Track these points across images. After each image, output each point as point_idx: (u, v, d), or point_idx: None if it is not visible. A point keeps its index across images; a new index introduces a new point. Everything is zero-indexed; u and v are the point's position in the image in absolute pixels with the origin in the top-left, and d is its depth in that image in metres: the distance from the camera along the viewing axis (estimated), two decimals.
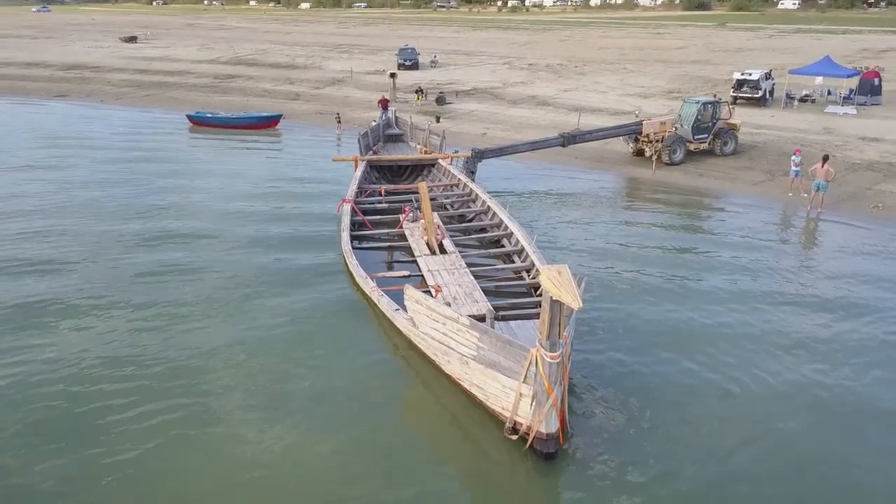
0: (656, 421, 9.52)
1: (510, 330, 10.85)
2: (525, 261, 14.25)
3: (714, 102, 25.74)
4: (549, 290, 7.46)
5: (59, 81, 46.82)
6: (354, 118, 33.12)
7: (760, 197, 21.24)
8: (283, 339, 11.68)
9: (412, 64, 49.06)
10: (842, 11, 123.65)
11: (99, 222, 17.74)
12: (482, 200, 18.06)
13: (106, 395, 9.99)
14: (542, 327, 7.88)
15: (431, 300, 10.18)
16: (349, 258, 14.01)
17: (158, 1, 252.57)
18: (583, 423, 9.39)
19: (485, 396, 9.31)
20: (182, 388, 10.16)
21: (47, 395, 9.97)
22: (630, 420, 9.50)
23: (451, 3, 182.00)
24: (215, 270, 14.55)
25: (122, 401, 9.80)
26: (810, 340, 11.89)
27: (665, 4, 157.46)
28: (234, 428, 9.31)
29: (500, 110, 35.16)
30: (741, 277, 14.65)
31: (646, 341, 11.69)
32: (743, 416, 9.73)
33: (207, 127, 32.36)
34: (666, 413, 9.72)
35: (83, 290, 13.50)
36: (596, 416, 9.59)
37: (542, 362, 7.99)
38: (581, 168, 24.95)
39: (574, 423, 9.32)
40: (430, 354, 10.51)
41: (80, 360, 10.87)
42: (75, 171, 23.66)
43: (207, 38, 77.23)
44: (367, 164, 21.20)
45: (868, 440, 9.30)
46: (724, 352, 11.39)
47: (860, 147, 26.13)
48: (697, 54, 56.86)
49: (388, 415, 9.82)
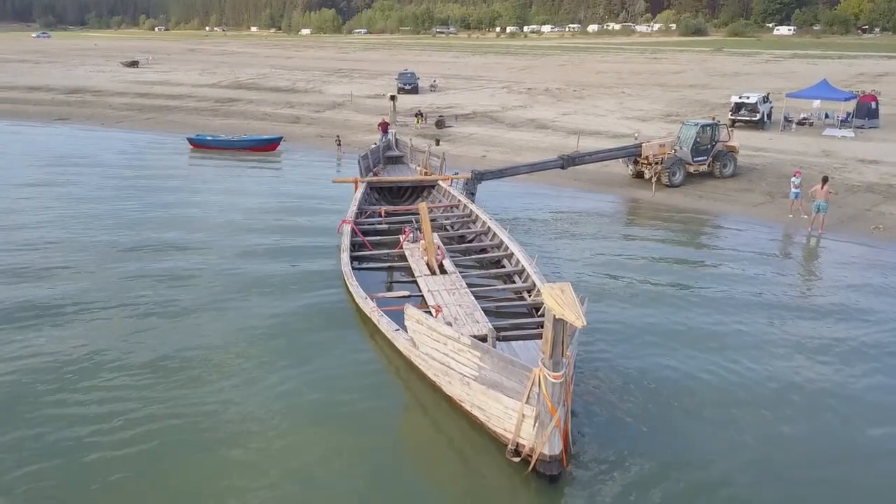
0: (661, 442, 9.34)
1: (512, 350, 10.71)
2: (526, 281, 14.15)
3: (713, 125, 25.86)
4: (552, 309, 7.35)
5: (61, 105, 47.12)
6: (354, 141, 33.25)
7: (761, 218, 21.21)
8: (281, 358, 11.51)
9: (412, 88, 49.44)
10: (837, 37, 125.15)
11: (97, 245, 17.68)
12: (482, 221, 18.02)
13: (103, 403, 9.94)
14: (545, 346, 7.75)
15: (432, 320, 10.06)
16: (349, 278, 13.91)
17: (161, 27, 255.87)
18: (587, 445, 9.21)
19: (486, 418, 9.13)
20: (175, 405, 10.00)
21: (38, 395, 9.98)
22: (635, 441, 9.32)
23: (450, 29, 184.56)
24: (210, 289, 14.44)
25: (116, 412, 9.68)
26: (824, 366, 11.77)
27: (662, 30, 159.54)
28: (228, 450, 9.12)
29: (499, 133, 35.32)
30: (746, 300, 14.51)
31: (649, 361, 11.54)
32: (750, 439, 9.54)
33: (208, 149, 32.46)
34: (671, 434, 9.55)
35: (77, 297, 13.74)
36: (600, 437, 9.41)
37: (546, 382, 7.85)
38: (581, 190, 24.96)
39: (578, 444, 9.14)
40: (430, 375, 10.35)
41: (77, 365, 10.88)
42: (72, 190, 23.66)
43: (209, 63, 78.03)
44: (368, 185, 21.19)
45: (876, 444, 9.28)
46: (731, 373, 11.24)
47: (859, 169, 26.20)
48: (695, 79, 57.41)
49: (387, 437, 9.64)
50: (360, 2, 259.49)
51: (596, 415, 9.91)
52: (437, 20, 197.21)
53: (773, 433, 9.66)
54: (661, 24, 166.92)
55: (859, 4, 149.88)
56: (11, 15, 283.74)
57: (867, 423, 9.91)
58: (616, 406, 10.16)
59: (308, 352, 11.80)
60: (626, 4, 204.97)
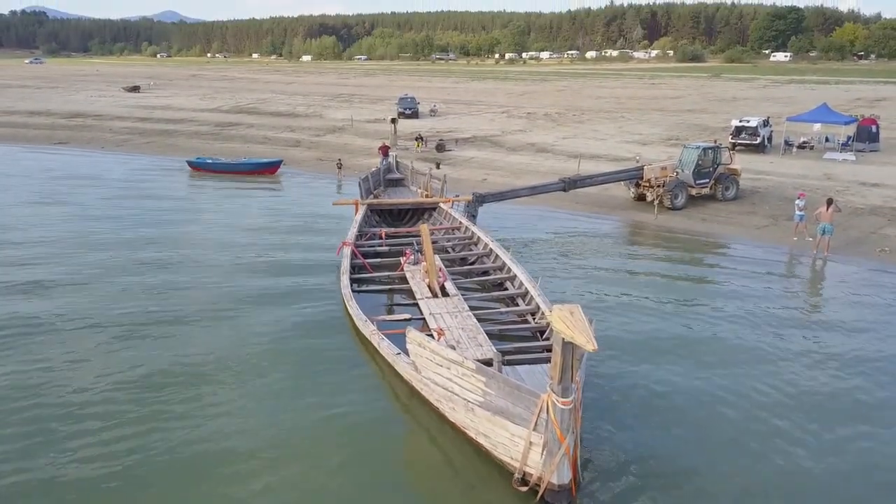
0: (676, 470, 8.98)
1: (517, 375, 10.34)
2: (530, 304, 13.85)
3: (714, 148, 25.77)
4: (562, 332, 7.05)
5: (61, 129, 47.16)
6: (355, 165, 33.14)
7: (765, 241, 20.99)
8: (279, 383, 11.17)
9: (412, 112, 49.56)
10: (833, 63, 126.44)
11: (93, 266, 17.43)
12: (484, 243, 17.77)
13: (97, 420, 9.64)
14: (554, 371, 7.44)
15: (435, 343, 9.72)
16: (349, 301, 13.60)
17: (163, 54, 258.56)
18: (597, 473, 8.84)
19: (492, 445, 8.76)
20: (167, 427, 9.65)
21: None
22: (647, 468, 8.96)
23: (449, 56, 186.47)
24: (202, 312, 14.13)
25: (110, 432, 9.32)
26: (842, 381, 11.43)
27: (659, 57, 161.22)
28: (225, 478, 8.74)
29: (499, 157, 35.27)
30: (758, 322, 14.20)
31: (661, 383, 11.20)
32: (772, 473, 9.16)
33: (207, 172, 32.35)
34: (682, 460, 9.19)
35: (68, 313, 13.57)
36: (610, 464, 9.04)
37: (554, 408, 7.52)
38: (582, 213, 24.77)
39: (587, 472, 8.77)
40: (432, 401, 10.00)
41: (74, 379, 10.50)
42: (68, 211, 23.48)
43: (210, 89, 78.47)
44: (368, 207, 21.00)
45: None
46: (743, 398, 10.88)
47: (861, 192, 26.06)
48: (693, 103, 57.67)
49: (388, 465, 9.26)
50: (361, 29, 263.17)
51: (605, 440, 9.55)
52: (437, 47, 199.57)
53: (799, 469, 9.21)
54: (658, 51, 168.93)
55: (854, 31, 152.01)
56: (15, 42, 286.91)
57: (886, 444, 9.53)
58: (627, 430, 9.81)
59: (306, 378, 11.44)
60: (623, 31, 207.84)
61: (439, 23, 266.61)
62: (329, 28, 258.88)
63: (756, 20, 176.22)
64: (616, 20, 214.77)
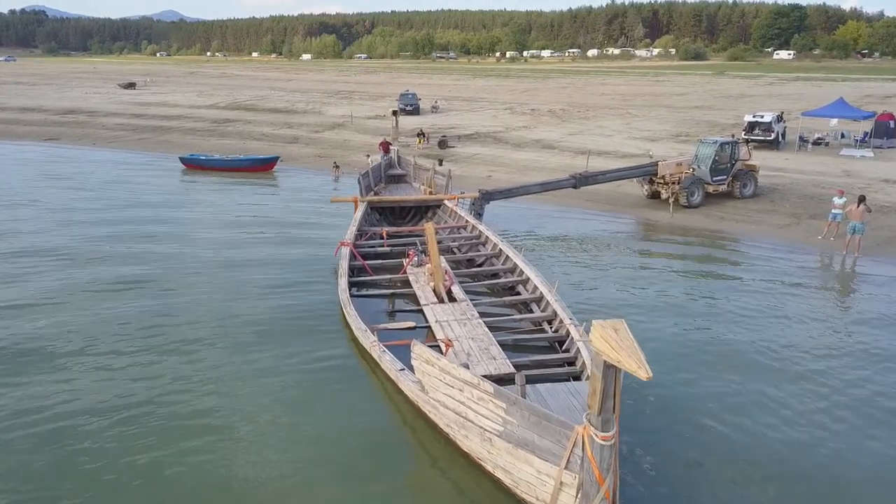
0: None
1: (538, 395, 8.98)
2: (545, 310, 12.55)
3: (732, 143, 24.49)
4: (605, 353, 5.74)
5: (53, 125, 45.89)
6: (354, 161, 31.83)
7: (789, 240, 19.73)
8: (269, 402, 9.85)
9: (413, 109, 48.31)
10: (836, 61, 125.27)
11: (77, 265, 16.10)
12: (493, 243, 16.48)
13: (97, 440, 8.60)
14: (592, 399, 6.12)
15: (444, 360, 8.37)
16: (347, 307, 12.29)
17: (162, 52, 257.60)
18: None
19: (513, 482, 7.44)
20: (156, 444, 8.39)
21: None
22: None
23: (450, 54, 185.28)
24: (194, 321, 12.80)
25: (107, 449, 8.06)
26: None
27: (661, 55, 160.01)
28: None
29: (504, 153, 33.98)
30: (789, 332, 12.94)
31: (705, 404, 9.89)
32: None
33: (201, 169, 31.07)
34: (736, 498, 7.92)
35: (61, 332, 11.97)
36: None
37: (592, 444, 6.21)
38: (594, 211, 23.49)
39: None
40: (442, 426, 8.66)
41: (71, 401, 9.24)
42: (50, 210, 22.15)
43: (208, 86, 77.15)
44: (368, 205, 19.71)
45: None
46: (787, 422, 9.59)
47: (885, 189, 24.81)
48: (700, 100, 56.38)
49: (392, 500, 7.97)
50: (361, 28, 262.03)
51: (644, 474, 8.24)
52: (438, 45, 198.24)
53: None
54: (660, 49, 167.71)
55: (857, 30, 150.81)
56: (14, 41, 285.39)
57: None
58: (671, 462, 8.50)
59: (297, 393, 10.12)
60: (625, 30, 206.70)
61: (440, 21, 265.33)
62: (329, 27, 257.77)
63: (758, 18, 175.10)
64: (617, 19, 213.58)
